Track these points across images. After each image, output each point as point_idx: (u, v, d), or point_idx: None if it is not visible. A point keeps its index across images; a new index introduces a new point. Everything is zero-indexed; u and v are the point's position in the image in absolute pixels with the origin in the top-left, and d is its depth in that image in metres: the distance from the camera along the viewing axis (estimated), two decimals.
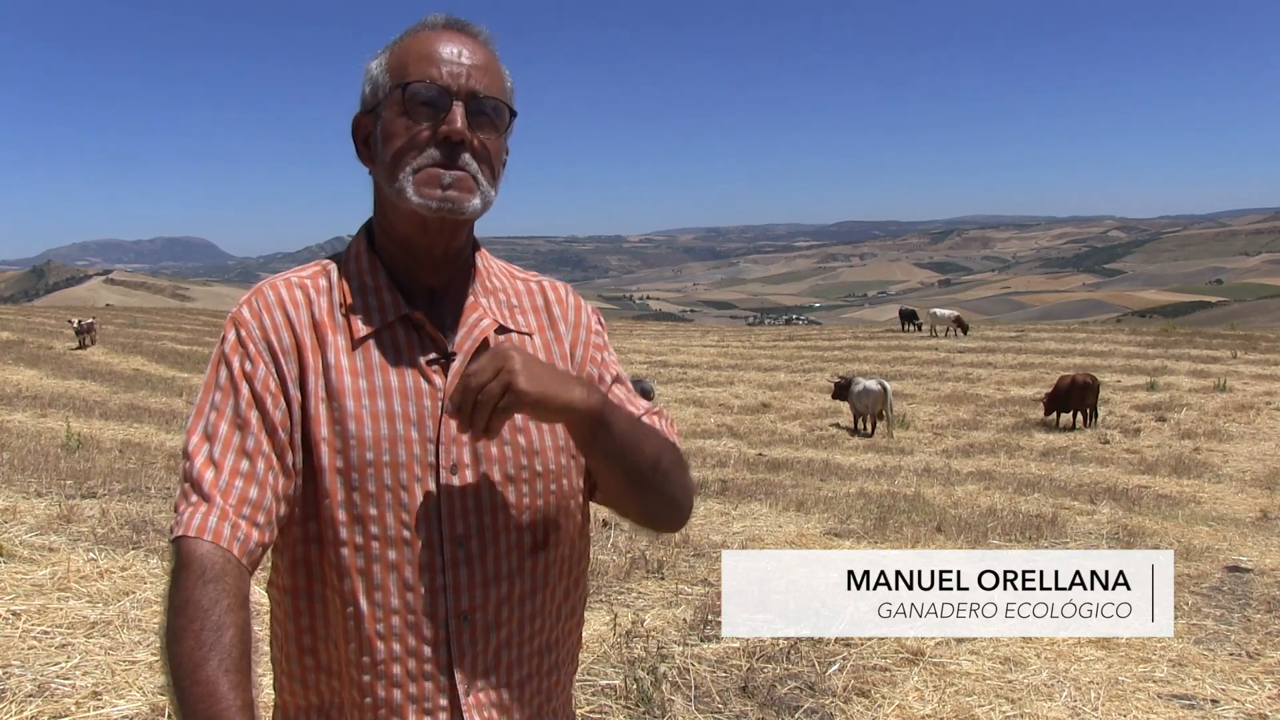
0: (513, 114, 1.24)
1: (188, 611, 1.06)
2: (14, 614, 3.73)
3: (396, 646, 1.18)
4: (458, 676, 1.20)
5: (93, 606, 3.94)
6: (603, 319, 1.40)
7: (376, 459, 1.18)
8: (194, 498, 1.12)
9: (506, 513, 1.23)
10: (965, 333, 28.67)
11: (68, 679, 3.19)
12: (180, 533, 1.11)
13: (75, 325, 23.33)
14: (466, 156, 1.18)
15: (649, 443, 1.25)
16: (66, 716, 2.95)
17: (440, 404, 1.21)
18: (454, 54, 1.20)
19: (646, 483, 1.26)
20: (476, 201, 1.20)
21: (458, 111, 1.18)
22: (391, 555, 1.18)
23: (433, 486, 1.20)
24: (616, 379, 1.36)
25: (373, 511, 1.18)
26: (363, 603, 1.18)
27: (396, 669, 1.19)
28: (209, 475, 1.13)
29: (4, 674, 3.18)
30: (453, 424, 1.20)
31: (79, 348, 22.51)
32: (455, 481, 1.20)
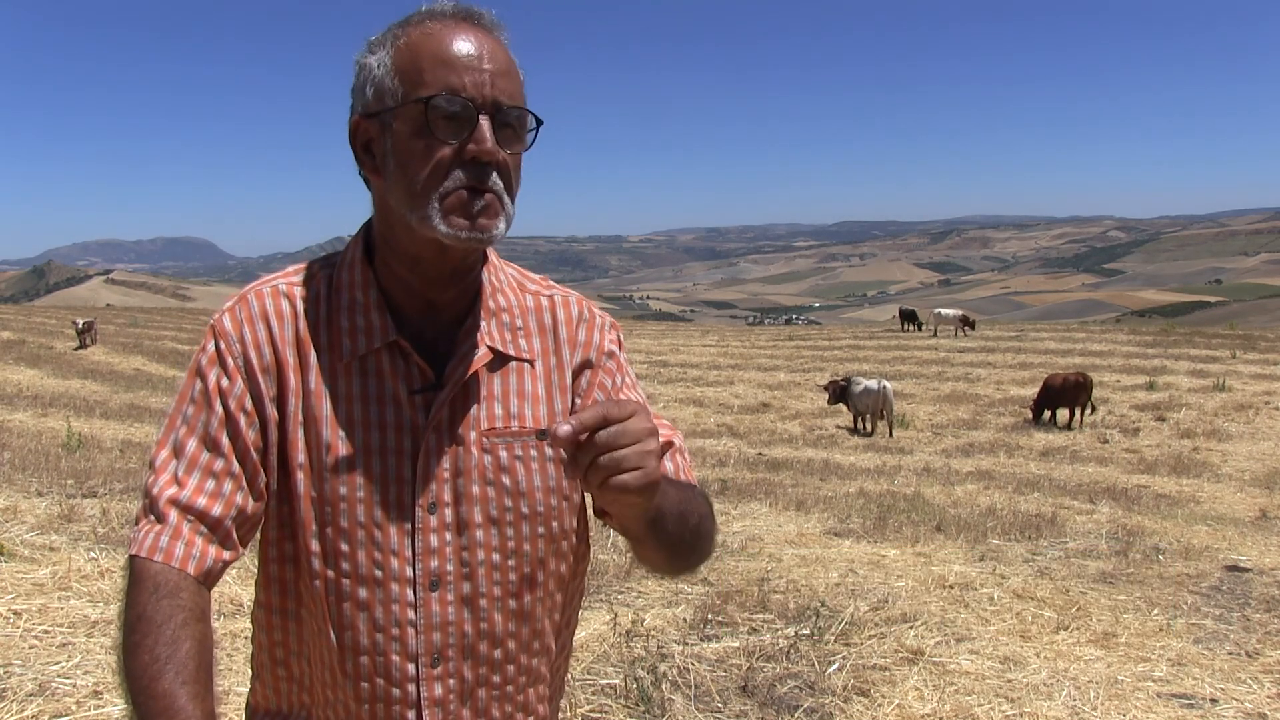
0: (539, 122, 1.14)
1: (140, 627, 1.03)
2: (15, 613, 3.73)
3: (365, 686, 1.15)
4: (426, 718, 1.16)
5: (94, 606, 3.94)
6: (622, 337, 1.30)
7: (350, 494, 1.13)
8: (150, 517, 1.09)
9: (488, 554, 1.17)
10: (974, 328, 28.73)
11: (68, 678, 3.19)
12: (134, 551, 1.08)
13: (78, 327, 23.33)
14: (495, 176, 1.09)
15: (693, 512, 1.18)
16: (67, 716, 2.95)
17: (421, 440, 1.14)
18: (473, 56, 1.09)
19: (682, 549, 1.20)
20: (502, 225, 1.11)
21: (485, 128, 1.08)
22: (362, 594, 1.14)
23: (409, 525, 1.14)
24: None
25: (344, 547, 1.13)
26: (333, 638, 1.15)
27: (365, 709, 1.16)
28: (169, 493, 1.09)
29: (5, 673, 3.18)
30: (432, 460, 1.15)
31: (79, 347, 22.52)
32: (433, 521, 1.15)
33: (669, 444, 1.25)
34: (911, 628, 4.34)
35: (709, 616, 4.43)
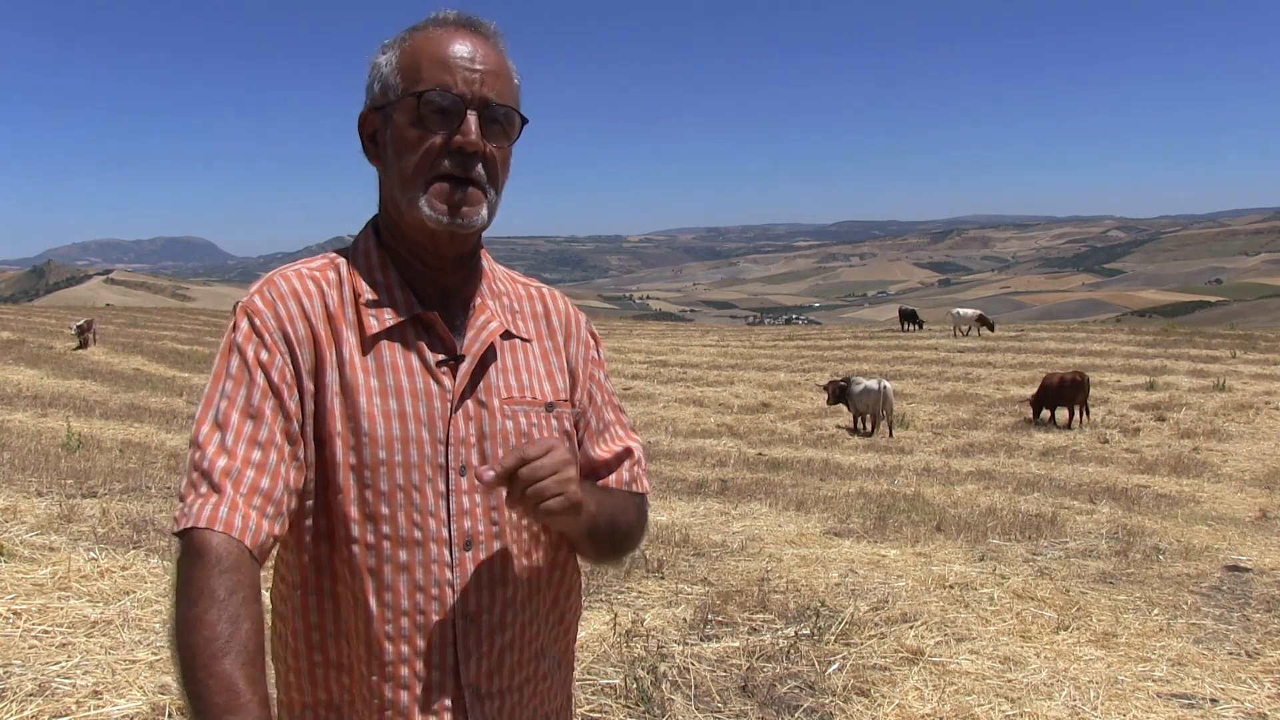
0: (524, 121, 1.24)
1: (202, 601, 1.03)
2: (15, 613, 3.73)
3: (405, 648, 1.19)
4: (464, 679, 1.21)
5: (93, 606, 3.94)
6: (595, 330, 1.42)
7: (389, 458, 1.18)
8: (204, 488, 1.09)
9: (513, 514, 1.24)
10: (991, 329, 28.51)
11: (68, 678, 3.19)
12: (190, 524, 1.07)
13: (74, 329, 23.30)
14: (479, 166, 1.19)
15: (623, 519, 1.34)
16: (67, 716, 2.95)
17: (450, 406, 1.21)
18: (468, 58, 1.19)
19: (611, 549, 1.36)
20: (484, 213, 1.21)
21: (472, 121, 1.18)
22: (402, 556, 1.18)
23: (443, 487, 1.20)
24: (608, 402, 1.40)
25: (384, 510, 1.18)
26: (372, 603, 1.18)
27: (404, 670, 1.19)
28: (221, 463, 1.10)
29: (4, 673, 3.18)
30: (461, 425, 1.22)
31: (79, 347, 22.50)
32: (464, 483, 1.21)
33: (627, 451, 1.39)
34: (911, 628, 4.34)
35: (709, 616, 4.43)
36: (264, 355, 1.16)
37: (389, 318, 1.22)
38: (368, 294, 1.23)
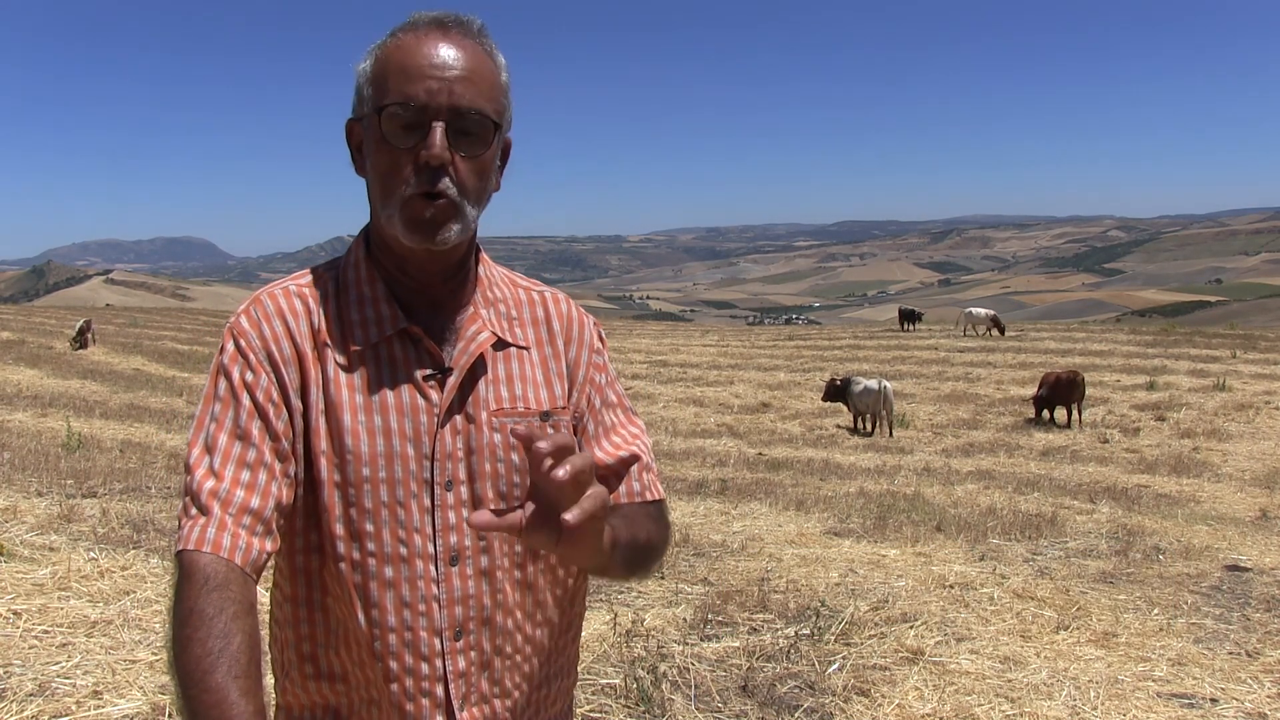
0: (497, 127, 1.18)
1: (192, 620, 1.05)
2: (15, 613, 3.73)
3: (393, 664, 1.19)
4: (453, 692, 1.21)
5: (93, 606, 3.94)
6: (603, 333, 1.39)
7: (373, 475, 1.18)
8: (194, 511, 1.11)
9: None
10: (1003, 333, 28.13)
11: (68, 678, 3.19)
12: (181, 547, 1.10)
13: (76, 330, 23.30)
14: (447, 181, 1.15)
15: (641, 532, 1.26)
16: (67, 716, 2.95)
17: (436, 420, 1.20)
18: (436, 64, 1.14)
19: (638, 566, 1.28)
20: (457, 228, 1.17)
21: (436, 133, 1.13)
22: (388, 572, 1.18)
23: (428, 502, 1.20)
24: (606, 403, 1.35)
25: (369, 528, 1.18)
26: (360, 619, 1.19)
27: (394, 686, 1.19)
28: (209, 486, 1.12)
29: (4, 673, 3.18)
30: (448, 439, 1.21)
31: (78, 348, 22.49)
32: (450, 498, 1.20)
33: (634, 457, 1.32)
34: (911, 627, 4.34)
35: (709, 616, 4.43)
36: (249, 376, 1.17)
37: (375, 333, 1.21)
38: (354, 309, 1.22)
